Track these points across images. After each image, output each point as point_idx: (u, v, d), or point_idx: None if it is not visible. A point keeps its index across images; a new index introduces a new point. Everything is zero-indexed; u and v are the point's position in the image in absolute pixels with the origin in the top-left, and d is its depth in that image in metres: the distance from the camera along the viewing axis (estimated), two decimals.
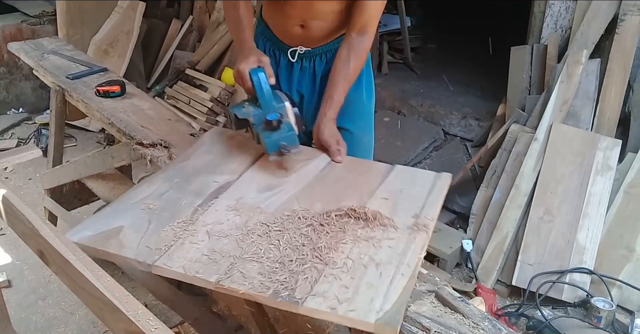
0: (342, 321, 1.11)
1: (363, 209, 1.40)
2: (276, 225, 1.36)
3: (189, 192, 1.47)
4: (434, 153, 3.65)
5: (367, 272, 1.22)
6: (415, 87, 4.27)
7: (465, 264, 2.88)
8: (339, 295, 1.14)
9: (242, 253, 1.26)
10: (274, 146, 1.52)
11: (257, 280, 1.17)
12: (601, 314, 2.43)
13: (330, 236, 1.31)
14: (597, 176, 2.73)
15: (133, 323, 0.91)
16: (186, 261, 1.22)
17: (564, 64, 2.97)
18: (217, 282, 1.17)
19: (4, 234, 2.94)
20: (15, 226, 1.27)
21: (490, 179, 3.02)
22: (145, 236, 1.28)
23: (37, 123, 4.19)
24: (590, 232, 2.65)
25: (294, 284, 1.16)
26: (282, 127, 1.53)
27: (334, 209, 1.41)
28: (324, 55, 1.91)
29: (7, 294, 2.53)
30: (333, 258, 1.25)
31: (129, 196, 1.44)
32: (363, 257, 1.26)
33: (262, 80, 1.56)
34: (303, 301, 1.12)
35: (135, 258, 1.22)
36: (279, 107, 1.58)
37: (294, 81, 1.95)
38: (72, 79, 2.25)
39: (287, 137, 1.52)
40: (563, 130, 2.86)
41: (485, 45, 4.66)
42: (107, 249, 1.23)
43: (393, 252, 1.29)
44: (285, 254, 1.25)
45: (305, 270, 1.20)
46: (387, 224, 1.38)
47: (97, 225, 1.31)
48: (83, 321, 2.48)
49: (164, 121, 2.03)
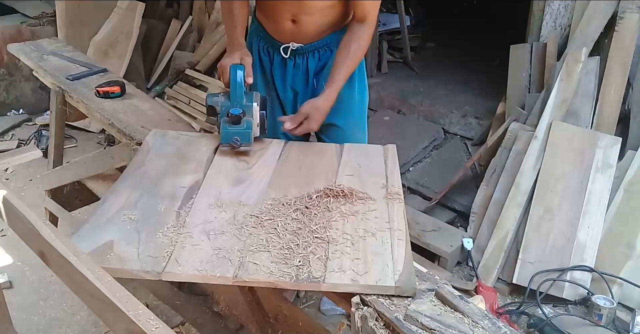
0: (365, 289, 1.19)
1: (339, 187, 1.50)
2: (265, 215, 1.40)
3: (162, 197, 1.46)
4: (434, 152, 3.65)
5: (368, 242, 1.32)
6: (414, 86, 4.27)
7: (465, 263, 2.88)
8: (353, 267, 1.23)
9: (246, 246, 1.28)
10: (227, 138, 1.63)
11: (273, 268, 1.22)
12: (602, 312, 2.44)
13: (320, 217, 1.39)
14: (597, 173, 2.73)
15: (134, 323, 0.91)
16: (196, 263, 1.23)
17: (563, 62, 2.97)
18: (235, 276, 1.20)
19: (5, 236, 2.95)
20: (16, 226, 1.27)
21: (491, 177, 3.02)
22: (140, 246, 1.27)
23: (38, 124, 4.19)
24: (591, 230, 2.65)
25: (308, 265, 1.23)
26: (242, 123, 1.64)
27: (312, 191, 1.49)
28: (316, 52, 1.93)
29: (9, 295, 2.53)
30: (332, 236, 1.33)
31: (101, 211, 1.40)
32: (358, 230, 1.36)
33: (239, 77, 1.67)
34: (323, 278, 1.20)
35: (142, 268, 1.21)
36: (246, 106, 1.68)
37: (287, 78, 1.98)
38: (72, 80, 2.26)
39: (242, 133, 1.63)
40: (563, 128, 2.86)
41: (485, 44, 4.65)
42: (108, 265, 1.21)
43: (381, 221, 1.40)
44: (288, 240, 1.30)
45: (312, 251, 1.27)
46: (364, 198, 1.49)
47: (83, 245, 1.26)
48: (84, 322, 2.48)
49: (164, 121, 2.03)
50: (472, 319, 1.11)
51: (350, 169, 1.64)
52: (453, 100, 3.99)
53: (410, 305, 1.15)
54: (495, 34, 4.45)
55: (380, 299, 1.18)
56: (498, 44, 3.60)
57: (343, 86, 1.91)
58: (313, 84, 1.98)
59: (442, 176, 3.35)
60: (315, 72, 1.97)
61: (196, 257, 1.25)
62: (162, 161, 1.63)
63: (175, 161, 1.64)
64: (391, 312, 1.15)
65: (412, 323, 1.12)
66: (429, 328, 1.10)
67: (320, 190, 1.49)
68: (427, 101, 4.02)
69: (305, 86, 1.99)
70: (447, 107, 3.90)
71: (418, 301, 1.16)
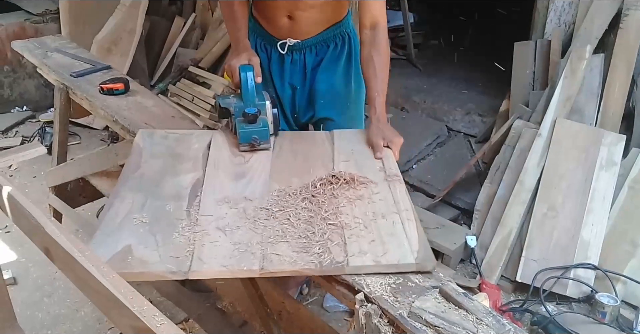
0: (388, 269, 1.24)
1: (340, 173, 1.53)
2: (274, 206, 1.41)
3: (167, 198, 1.46)
4: (437, 149, 3.65)
5: (380, 224, 1.36)
6: (418, 83, 4.26)
7: (469, 260, 2.88)
8: (372, 249, 1.27)
9: (264, 238, 1.30)
10: (247, 137, 1.65)
11: (296, 257, 1.25)
12: (606, 310, 2.43)
13: (328, 204, 1.42)
14: (601, 171, 2.73)
15: (139, 319, 0.91)
16: (220, 259, 1.24)
17: (567, 59, 2.96)
18: (261, 268, 1.22)
19: (9, 232, 2.96)
20: (20, 223, 1.28)
21: (494, 175, 3.01)
22: (160, 248, 1.27)
23: (41, 121, 4.19)
24: (595, 228, 2.65)
25: (329, 252, 1.26)
26: (258, 122, 1.66)
27: (315, 179, 1.52)
28: (313, 48, 1.94)
29: (13, 292, 2.54)
30: (344, 221, 1.36)
31: (109, 217, 1.39)
32: (367, 213, 1.39)
33: (249, 77, 1.69)
34: (346, 263, 1.23)
35: (167, 269, 1.21)
36: (259, 104, 1.70)
37: (285, 74, 1.98)
38: (75, 77, 2.26)
39: (260, 131, 1.65)
40: (567, 125, 2.85)
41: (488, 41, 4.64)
42: (132, 269, 1.21)
43: (387, 203, 1.44)
44: (303, 229, 1.33)
45: (329, 238, 1.30)
46: (365, 182, 1.52)
47: (101, 252, 1.24)
48: (89, 318, 2.49)
49: (167, 118, 2.03)
50: (477, 316, 1.11)
51: (345, 155, 1.68)
52: (456, 97, 3.98)
53: (414, 302, 1.15)
54: (499, 31, 4.44)
55: (384, 296, 1.18)
56: (502, 41, 3.59)
57: (340, 80, 1.95)
58: (311, 79, 1.98)
59: (446, 173, 3.35)
60: (312, 67, 1.97)
61: (218, 253, 1.26)
62: (157, 161, 1.63)
63: (170, 160, 1.64)
64: (395, 309, 1.15)
65: (416, 320, 1.12)
66: (433, 325, 1.10)
67: (323, 178, 1.52)
68: (430, 98, 4.01)
69: (303, 82, 2.00)
70: (450, 104, 3.89)
71: (422, 298, 1.16)
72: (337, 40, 1.95)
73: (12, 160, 2.02)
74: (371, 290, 1.20)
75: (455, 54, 4.72)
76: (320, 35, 1.92)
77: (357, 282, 1.22)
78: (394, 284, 1.22)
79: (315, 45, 1.94)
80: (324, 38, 1.93)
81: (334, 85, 2.00)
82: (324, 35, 1.92)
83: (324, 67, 1.97)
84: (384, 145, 1.66)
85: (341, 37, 1.96)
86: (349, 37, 1.97)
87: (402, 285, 1.22)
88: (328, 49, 1.95)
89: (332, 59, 1.97)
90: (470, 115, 3.78)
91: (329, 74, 1.98)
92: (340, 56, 1.98)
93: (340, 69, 1.99)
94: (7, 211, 1.31)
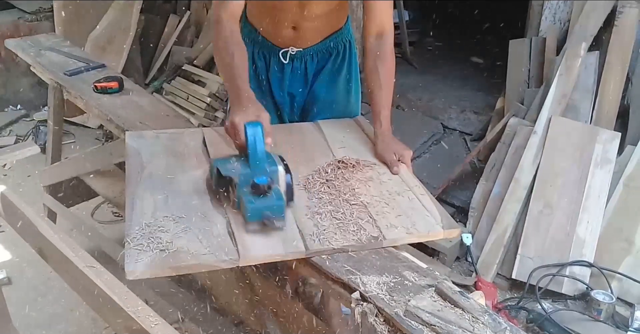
0: (421, 238, 1.37)
1: (345, 158, 1.59)
2: (295, 193, 1.44)
3: (187, 193, 1.46)
4: (433, 147, 3.65)
5: (399, 201, 1.45)
6: (413, 81, 4.26)
7: (465, 258, 2.88)
8: (402, 223, 1.37)
9: (299, 222, 1.36)
10: (256, 215, 1.31)
11: (336, 237, 1.30)
12: (601, 307, 2.44)
13: (343, 187, 1.48)
14: (596, 168, 2.73)
15: (133, 319, 0.91)
16: (264, 244, 1.28)
17: (562, 57, 2.96)
18: (307, 249, 1.27)
19: (4, 232, 2.94)
20: (14, 223, 1.27)
21: (490, 172, 3.01)
22: (203, 240, 1.28)
23: (35, 120, 4.18)
24: (590, 225, 2.65)
25: (363, 229, 1.33)
26: (270, 194, 1.32)
27: (323, 165, 1.57)
28: (315, 56, 1.89)
29: (7, 292, 2.52)
30: (365, 201, 1.43)
31: (136, 216, 1.35)
32: (383, 192, 1.48)
33: (258, 138, 1.35)
34: (382, 237, 1.32)
35: (218, 259, 1.23)
36: (271, 171, 1.37)
37: (285, 82, 1.93)
38: (69, 76, 2.25)
39: (274, 206, 1.31)
40: (562, 123, 2.85)
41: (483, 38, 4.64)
42: (184, 262, 1.21)
43: (397, 182, 1.54)
44: (330, 210, 1.39)
45: (359, 216, 1.38)
46: (369, 164, 1.60)
47: (141, 251, 1.22)
48: (83, 318, 2.48)
49: (162, 116, 2.02)
50: (473, 314, 1.11)
51: (339, 142, 1.72)
52: (452, 95, 3.98)
53: (410, 301, 1.15)
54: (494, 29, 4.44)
55: (380, 294, 1.18)
56: (497, 39, 3.59)
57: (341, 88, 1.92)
58: (310, 86, 1.95)
59: (441, 171, 3.35)
60: (313, 74, 1.93)
61: (260, 240, 1.29)
62: (160, 161, 1.61)
63: (173, 159, 1.63)
64: (391, 308, 1.14)
65: (412, 319, 1.11)
66: (429, 323, 1.09)
67: (331, 163, 1.57)
68: (425, 96, 4.01)
69: (304, 89, 1.95)
70: (446, 102, 3.90)
71: (418, 297, 1.16)
72: (339, 47, 1.91)
73: (6, 159, 2.01)
74: (367, 289, 1.19)
75: (450, 51, 4.73)
76: (323, 43, 1.87)
77: (353, 280, 1.22)
78: (390, 282, 1.22)
79: (317, 53, 1.89)
80: (326, 46, 1.88)
81: (334, 92, 1.95)
82: (326, 43, 1.88)
83: (325, 75, 1.92)
84: (392, 159, 1.62)
85: (342, 44, 1.92)
86: (349, 44, 1.94)
87: (398, 284, 1.21)
88: (330, 57, 1.90)
89: (334, 67, 1.93)
90: (465, 113, 3.78)
91: (330, 81, 1.94)
92: (342, 64, 1.93)
93: (341, 77, 1.95)
94: (1, 210, 1.30)
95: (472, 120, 3.74)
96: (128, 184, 1.51)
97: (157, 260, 1.20)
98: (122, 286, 0.99)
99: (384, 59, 1.75)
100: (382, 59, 1.74)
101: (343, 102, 1.97)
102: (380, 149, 1.67)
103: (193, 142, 1.71)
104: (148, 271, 1.18)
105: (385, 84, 1.73)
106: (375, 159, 1.64)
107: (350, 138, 1.75)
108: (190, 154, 1.66)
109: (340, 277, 1.23)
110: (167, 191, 1.47)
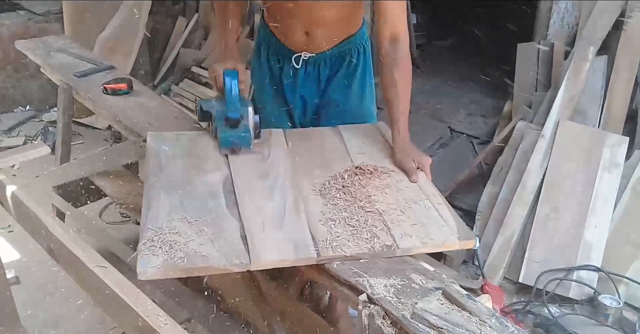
0: (435, 248, 1.34)
1: (363, 164, 1.58)
2: (311, 199, 1.46)
3: (204, 195, 1.47)
4: (440, 151, 3.65)
5: (415, 209, 1.43)
6: (420, 84, 4.26)
7: (471, 262, 2.88)
8: (416, 232, 1.35)
9: (313, 228, 1.35)
10: (227, 142, 1.64)
11: (348, 244, 1.30)
12: (608, 312, 2.43)
13: (359, 193, 1.47)
14: (604, 173, 2.72)
15: (142, 318, 0.91)
16: (276, 249, 1.28)
17: (570, 61, 2.95)
18: (318, 256, 1.27)
19: (12, 231, 2.96)
20: (24, 222, 1.28)
21: (497, 176, 3.01)
22: (214, 243, 1.28)
23: (45, 121, 4.19)
24: (598, 230, 2.64)
25: (377, 237, 1.32)
26: (240, 127, 1.64)
27: (341, 171, 1.56)
28: (328, 61, 1.89)
29: (15, 291, 2.52)
30: (380, 208, 1.42)
31: (152, 217, 1.37)
32: (399, 200, 1.46)
33: (233, 82, 1.66)
34: (396, 246, 1.31)
35: (229, 262, 1.23)
36: (242, 110, 1.66)
37: (297, 86, 1.93)
38: (79, 77, 2.26)
39: (241, 137, 1.64)
40: (570, 127, 2.84)
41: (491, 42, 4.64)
42: (195, 264, 1.22)
43: (414, 190, 1.52)
44: (345, 217, 1.38)
45: (373, 224, 1.36)
46: (387, 171, 1.58)
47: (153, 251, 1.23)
48: (90, 318, 2.48)
49: (170, 118, 2.04)
50: (480, 318, 1.11)
51: (358, 147, 1.71)
52: (459, 98, 3.98)
53: (417, 304, 1.15)
54: (502, 32, 4.44)
55: (387, 297, 1.18)
56: (505, 43, 3.59)
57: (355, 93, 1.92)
58: (324, 91, 1.95)
59: (448, 174, 3.34)
60: (326, 80, 1.93)
61: (272, 244, 1.29)
62: (178, 162, 1.63)
63: (191, 160, 1.64)
64: (398, 310, 1.14)
65: (419, 322, 1.12)
66: (437, 326, 1.09)
67: (348, 169, 1.56)
68: (433, 99, 4.02)
69: (317, 94, 1.95)
70: (453, 105, 3.90)
71: (425, 300, 1.16)
72: (353, 53, 1.90)
73: (15, 159, 2.02)
74: (374, 291, 1.19)
75: (457, 55, 4.72)
76: (336, 48, 1.87)
77: (360, 283, 1.22)
78: (397, 285, 1.22)
79: (330, 58, 1.88)
80: (340, 51, 1.88)
81: (347, 97, 1.95)
82: (340, 49, 1.87)
83: (338, 80, 1.91)
84: (411, 167, 1.61)
85: (357, 49, 1.90)
86: (363, 49, 1.92)
87: (405, 286, 1.22)
88: (343, 63, 1.90)
89: (348, 73, 1.92)
90: (472, 116, 3.78)
91: (343, 87, 1.93)
92: (356, 69, 1.92)
93: (355, 83, 1.94)
94: (11, 210, 1.32)
95: (479, 123, 3.74)
96: (147, 184, 1.53)
97: (168, 261, 1.21)
98: (131, 286, 1.00)
99: (401, 66, 1.67)
100: (398, 67, 1.66)
101: (356, 107, 1.96)
102: (399, 157, 1.64)
103: (212, 145, 1.72)
104: (159, 272, 1.18)
105: (402, 91, 1.67)
106: (393, 166, 1.62)
107: (370, 144, 1.74)
108: (208, 156, 1.67)
109: (347, 279, 1.24)
110: (183, 193, 1.48)
